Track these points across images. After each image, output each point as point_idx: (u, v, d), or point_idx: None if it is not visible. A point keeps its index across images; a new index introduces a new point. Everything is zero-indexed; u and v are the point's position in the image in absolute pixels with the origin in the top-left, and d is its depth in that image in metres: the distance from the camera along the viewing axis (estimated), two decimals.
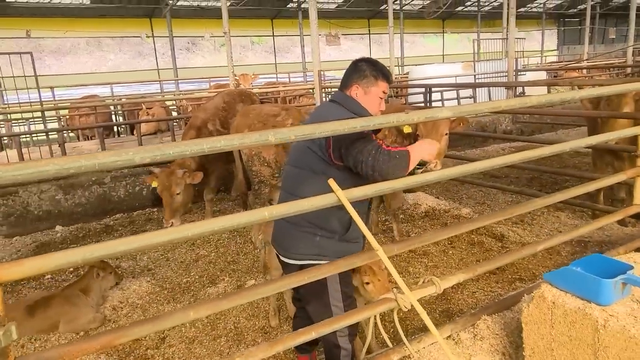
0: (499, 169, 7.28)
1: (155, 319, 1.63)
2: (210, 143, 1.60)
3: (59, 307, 3.47)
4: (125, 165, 1.49)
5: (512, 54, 9.57)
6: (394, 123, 1.99)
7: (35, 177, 1.38)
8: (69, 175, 6.10)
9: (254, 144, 1.70)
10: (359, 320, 2.18)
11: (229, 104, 5.77)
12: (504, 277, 3.92)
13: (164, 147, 1.53)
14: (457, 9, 25.66)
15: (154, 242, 1.53)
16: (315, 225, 2.23)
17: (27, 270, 1.41)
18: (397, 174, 2.08)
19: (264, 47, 26.72)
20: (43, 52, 22.68)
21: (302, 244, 2.27)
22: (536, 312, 1.87)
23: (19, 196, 5.80)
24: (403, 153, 2.09)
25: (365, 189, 1.97)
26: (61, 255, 1.42)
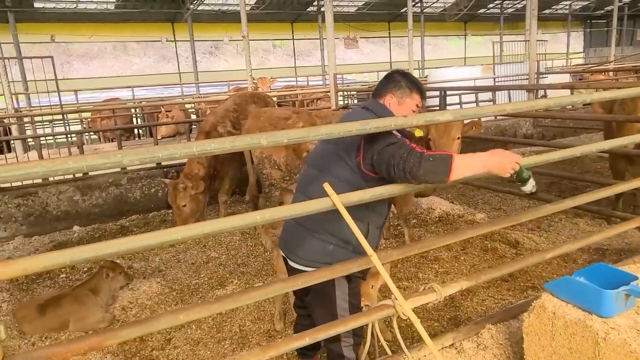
0: None
1: (145, 322, 1.64)
2: (201, 146, 1.60)
3: (68, 306, 3.54)
4: (113, 167, 1.49)
5: (533, 56, 9.37)
6: (392, 127, 1.95)
7: (24, 177, 1.40)
8: (86, 176, 6.25)
9: (245, 147, 1.69)
10: (356, 327, 2.14)
11: (240, 105, 5.80)
12: (516, 284, 3.81)
13: (153, 150, 1.53)
14: (479, 11, 25.32)
15: (142, 244, 1.53)
16: (331, 233, 2.18)
17: (18, 270, 1.43)
18: (433, 177, 1.94)
19: (285, 50, 26.88)
20: (71, 56, 23.33)
21: (314, 250, 2.22)
22: (537, 323, 1.81)
23: (39, 196, 5.94)
24: (442, 156, 1.95)
25: (361, 194, 1.94)
26: (49, 256, 1.43)
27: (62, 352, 1.50)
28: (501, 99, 10.93)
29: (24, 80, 13.34)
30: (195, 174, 5.31)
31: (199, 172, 5.33)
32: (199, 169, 5.34)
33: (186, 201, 5.17)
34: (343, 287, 2.19)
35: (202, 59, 24.62)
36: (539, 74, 10.32)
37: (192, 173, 5.31)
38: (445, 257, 4.46)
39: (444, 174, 1.93)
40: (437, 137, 3.88)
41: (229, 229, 1.69)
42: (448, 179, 1.93)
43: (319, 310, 2.28)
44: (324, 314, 2.25)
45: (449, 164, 1.92)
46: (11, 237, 5.79)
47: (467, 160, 2.01)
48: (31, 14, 16.51)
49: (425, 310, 3.52)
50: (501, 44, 14.08)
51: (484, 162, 2.01)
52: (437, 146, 3.86)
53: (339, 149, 2.20)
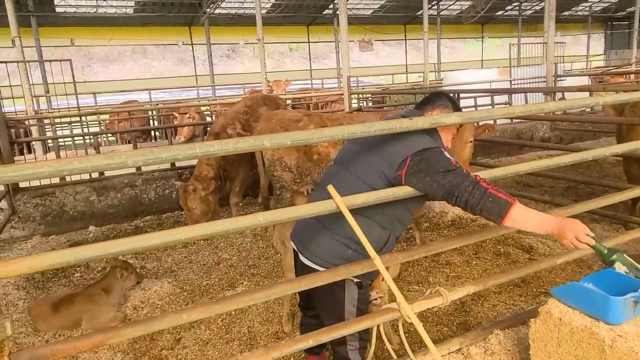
0: (533, 177, 7.04)
1: (148, 321, 1.65)
2: (204, 148, 1.62)
3: (81, 305, 3.60)
4: (117, 168, 1.52)
5: (551, 58, 9.23)
6: (397, 129, 1.94)
7: (31, 177, 1.43)
8: (102, 177, 6.36)
9: (249, 149, 1.70)
10: (361, 330, 2.13)
11: (251, 108, 5.86)
12: (529, 290, 3.75)
13: (157, 151, 1.55)
14: (497, 14, 25.05)
15: (145, 244, 1.55)
16: (352, 238, 2.13)
17: (23, 268, 1.46)
18: (487, 216, 1.95)
19: (301, 53, 27.00)
20: (92, 59, 23.82)
21: (331, 251, 2.19)
22: (543, 329, 1.77)
23: (56, 197, 6.06)
24: (502, 202, 1.92)
25: (366, 196, 1.94)
26: (54, 255, 1.46)
27: (67, 349, 1.52)
28: (517, 102, 10.79)
29: (44, 83, 13.66)
30: (204, 176, 5.40)
31: (208, 174, 5.41)
32: (208, 171, 5.43)
33: (196, 203, 5.27)
34: (353, 292, 2.19)
35: (220, 62, 24.88)
36: (557, 77, 10.15)
37: (201, 175, 5.40)
38: (456, 261, 4.41)
39: (497, 218, 1.93)
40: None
41: (233, 230, 1.70)
42: (502, 223, 1.94)
43: (327, 313, 2.28)
44: (331, 316, 2.24)
45: (505, 211, 1.90)
46: (29, 236, 5.92)
47: (527, 214, 1.97)
48: (53, 18, 16.90)
49: (435, 315, 3.49)
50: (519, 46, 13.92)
51: (544, 224, 1.96)
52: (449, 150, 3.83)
53: (377, 157, 2.16)
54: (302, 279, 1.94)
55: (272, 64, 24.62)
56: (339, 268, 2.04)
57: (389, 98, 12.13)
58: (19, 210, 5.88)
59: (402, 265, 4.32)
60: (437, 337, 3.21)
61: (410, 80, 21.17)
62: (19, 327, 3.64)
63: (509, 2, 23.90)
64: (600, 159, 7.81)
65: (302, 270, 2.34)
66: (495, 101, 10.44)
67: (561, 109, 2.14)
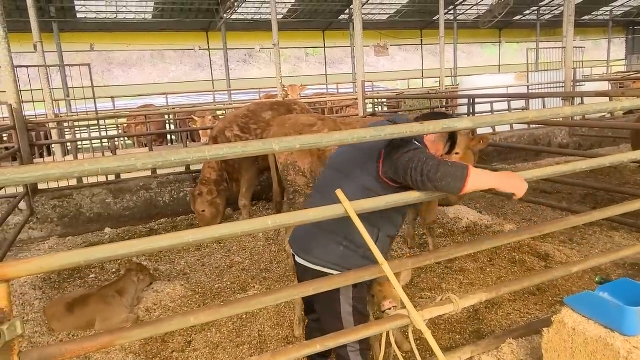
0: (550, 184, 6.92)
1: (157, 323, 1.66)
2: (213, 151, 1.62)
3: (95, 306, 3.64)
4: (127, 170, 1.53)
5: (569, 63, 9.10)
6: (407, 133, 1.93)
7: (42, 179, 1.45)
8: (118, 180, 6.45)
9: (257, 152, 1.70)
10: (369, 336, 2.11)
11: (253, 112, 5.92)
12: (544, 299, 3.67)
13: (166, 154, 1.56)
14: (515, 18, 24.80)
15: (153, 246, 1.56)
16: (342, 235, 2.19)
17: (34, 268, 1.48)
18: (449, 183, 1.93)
19: (317, 58, 27.10)
20: (112, 64, 24.26)
21: (325, 250, 2.23)
22: (556, 339, 1.73)
23: (73, 199, 6.16)
24: (460, 164, 1.97)
25: (374, 201, 1.92)
26: (65, 255, 1.48)
27: (76, 349, 1.53)
28: (535, 108, 10.64)
29: (64, 87, 13.94)
30: (207, 179, 5.55)
31: (211, 177, 5.56)
32: (211, 174, 5.58)
33: (204, 206, 5.43)
34: (348, 292, 2.19)
35: (237, 67, 25.10)
36: (576, 82, 9.98)
37: (205, 178, 5.55)
38: (470, 268, 4.35)
39: (460, 180, 1.93)
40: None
41: (242, 233, 1.70)
42: (463, 187, 1.93)
43: (324, 313, 2.32)
44: (329, 317, 2.29)
45: (466, 171, 1.94)
46: (47, 237, 6.03)
47: (481, 173, 2.04)
48: (74, 24, 17.27)
49: (447, 322, 3.44)
50: (537, 51, 13.75)
51: (496, 179, 2.07)
52: None
53: (361, 154, 2.22)
54: (311, 283, 1.93)
55: (288, 69, 24.78)
56: (348, 273, 2.03)
57: (403, 103, 12.07)
58: (37, 211, 5.99)
59: (414, 272, 4.28)
60: (449, 345, 3.17)
61: (426, 85, 21.03)
62: (34, 326, 3.69)
63: (527, 7, 23.65)
64: (620, 166, 7.65)
65: (300, 273, 2.38)
66: (512, 106, 10.31)
67: (577, 114, 2.09)
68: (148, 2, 17.03)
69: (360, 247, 2.17)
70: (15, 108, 5.62)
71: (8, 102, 5.60)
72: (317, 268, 2.25)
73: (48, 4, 15.47)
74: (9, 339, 1.41)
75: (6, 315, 1.43)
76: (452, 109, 11.79)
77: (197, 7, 18.04)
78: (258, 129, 5.76)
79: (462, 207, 5.91)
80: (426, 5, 20.81)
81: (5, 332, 1.40)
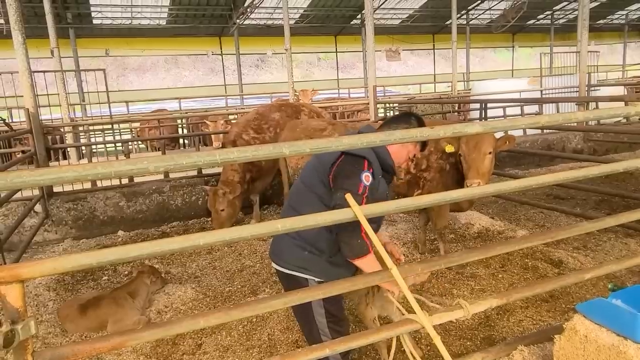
0: (564, 190, 6.84)
1: (166, 325, 1.68)
2: (224, 155, 1.64)
3: (107, 308, 3.68)
4: (140, 173, 1.55)
5: (583, 68, 9.00)
6: (417, 138, 1.92)
7: (57, 181, 1.48)
8: (131, 183, 6.52)
9: (268, 156, 1.71)
10: (380, 340, 2.10)
11: (262, 115, 6.17)
12: (557, 306, 3.63)
13: (178, 158, 1.58)
14: (528, 22, 24.62)
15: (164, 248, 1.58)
16: (305, 240, 2.34)
17: (47, 269, 1.50)
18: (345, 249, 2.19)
19: (329, 63, 27.16)
20: (126, 69, 24.59)
21: (292, 254, 2.38)
22: (568, 346, 1.71)
23: (87, 201, 6.25)
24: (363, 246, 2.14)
25: (385, 205, 1.92)
26: (77, 257, 1.50)
27: (87, 349, 1.56)
28: (548, 113, 10.53)
29: (80, 91, 14.16)
30: (230, 180, 5.76)
31: (234, 179, 5.77)
32: (234, 176, 5.79)
33: (224, 205, 5.64)
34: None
35: (249, 71, 25.26)
36: (590, 87, 9.87)
37: (227, 180, 5.77)
38: (482, 274, 4.31)
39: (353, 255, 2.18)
40: (468, 153, 3.81)
41: (251, 237, 1.71)
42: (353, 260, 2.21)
43: (298, 316, 2.49)
44: (302, 319, 2.46)
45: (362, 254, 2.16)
46: (61, 239, 6.11)
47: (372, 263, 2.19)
48: (89, 29, 17.55)
49: (458, 328, 3.42)
50: (551, 56, 13.63)
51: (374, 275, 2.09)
52: (468, 162, 3.79)
53: (319, 162, 2.34)
54: (321, 287, 1.93)
55: (300, 74, 24.88)
56: (356, 277, 2.02)
57: (415, 107, 12.04)
58: (52, 214, 6.08)
59: None
60: (460, 352, 3.14)
61: (438, 90, 20.98)
62: (47, 327, 3.74)
63: (540, 11, 23.45)
64: (636, 172, 7.53)
65: (278, 276, 2.54)
66: (525, 111, 10.23)
67: (589, 118, 2.07)
68: (162, 9, 17.24)
69: (323, 252, 2.32)
70: (32, 112, 5.72)
71: (25, 106, 5.71)
72: (285, 271, 2.40)
73: (65, 10, 15.75)
74: (23, 339, 1.44)
75: (21, 315, 1.45)
76: (464, 113, 11.72)
77: (211, 12, 18.21)
78: (270, 128, 6.05)
79: (474, 213, 5.87)
80: (438, 10, 20.76)
81: (19, 332, 1.42)
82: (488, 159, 3.71)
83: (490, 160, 3.73)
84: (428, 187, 4.43)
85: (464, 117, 11.28)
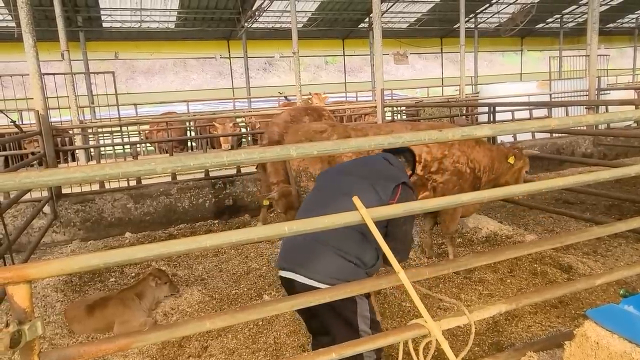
0: (574, 194, 6.77)
1: (172, 327, 1.67)
2: (231, 156, 1.63)
3: (114, 308, 3.69)
4: (147, 174, 1.55)
5: (593, 71, 8.93)
6: (427, 141, 1.91)
7: (65, 182, 1.48)
8: (139, 185, 6.55)
9: (275, 158, 1.71)
10: (386, 345, 2.08)
11: (295, 117, 6.01)
12: (567, 312, 3.58)
13: (185, 159, 1.58)
14: (537, 26, 24.49)
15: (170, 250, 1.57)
16: (350, 253, 2.27)
17: (55, 270, 1.50)
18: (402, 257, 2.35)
19: (337, 66, 27.20)
20: (135, 72, 24.77)
21: (334, 266, 2.25)
22: (578, 353, 1.68)
23: (95, 203, 6.28)
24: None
25: (392, 208, 1.91)
26: (84, 258, 1.50)
27: (93, 351, 1.55)
28: (558, 116, 10.45)
29: (89, 94, 14.28)
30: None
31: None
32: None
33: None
34: (364, 305, 2.26)
35: (256, 74, 25.37)
36: (600, 90, 9.78)
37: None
38: (490, 279, 4.27)
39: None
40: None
41: (257, 240, 1.70)
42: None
43: (340, 329, 2.28)
44: (346, 332, 2.25)
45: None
46: (69, 240, 6.15)
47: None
48: (99, 33, 17.71)
49: (466, 334, 3.38)
50: (560, 59, 13.53)
51: None
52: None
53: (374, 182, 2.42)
54: (327, 290, 1.92)
55: (307, 77, 24.92)
56: (365, 281, 2.01)
57: (422, 111, 12.01)
58: (60, 215, 6.12)
59: (432, 281, 4.22)
60: (468, 357, 3.10)
61: (445, 93, 20.90)
62: (54, 328, 3.76)
63: (549, 15, 23.34)
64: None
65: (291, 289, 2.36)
66: (534, 115, 10.15)
67: (600, 122, 2.04)
68: (171, 12, 17.37)
69: (365, 266, 2.31)
70: (41, 114, 5.77)
71: (35, 108, 5.75)
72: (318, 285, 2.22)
73: (75, 14, 15.91)
74: (30, 339, 1.44)
75: (28, 315, 1.45)
76: (472, 117, 11.66)
77: (219, 16, 18.31)
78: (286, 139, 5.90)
79: (482, 217, 5.83)
80: (446, 13, 20.72)
81: (26, 332, 1.42)
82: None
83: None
84: (442, 189, 4.39)
85: (472, 120, 11.23)
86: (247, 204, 6.97)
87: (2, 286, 1.45)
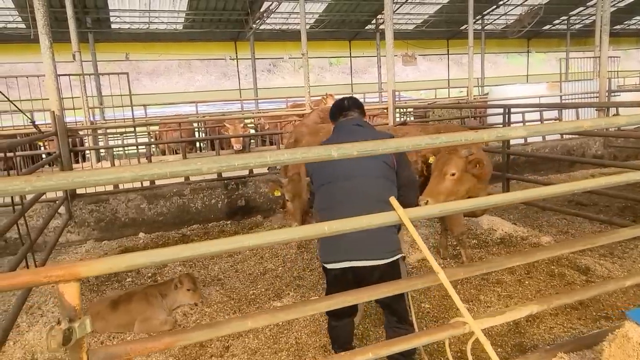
0: (587, 195, 6.76)
1: (215, 325, 1.68)
2: (275, 156, 1.65)
3: (138, 303, 3.71)
4: (193, 174, 1.57)
5: (604, 73, 8.91)
6: (462, 141, 1.92)
7: (115, 181, 1.50)
8: (153, 186, 6.57)
9: (316, 159, 1.72)
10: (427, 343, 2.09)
11: (323, 119, 6.03)
12: (587, 313, 3.58)
13: (230, 159, 1.59)
14: (544, 28, 24.45)
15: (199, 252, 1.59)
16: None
17: (104, 268, 1.52)
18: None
19: (341, 68, 27.25)
20: (140, 73, 24.89)
21: (390, 239, 2.53)
22: (619, 354, 1.68)
23: (109, 203, 6.31)
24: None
25: (428, 209, 1.92)
26: (131, 256, 1.52)
27: (139, 349, 1.57)
28: (567, 118, 10.44)
29: (99, 95, 14.34)
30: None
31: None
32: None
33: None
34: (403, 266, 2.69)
35: (261, 76, 25.44)
36: (610, 92, 9.76)
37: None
38: (508, 280, 4.27)
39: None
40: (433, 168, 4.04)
41: (297, 239, 1.72)
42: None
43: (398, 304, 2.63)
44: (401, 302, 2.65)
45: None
46: (84, 240, 6.18)
47: None
48: (108, 34, 17.79)
49: (488, 335, 3.37)
50: (567, 61, 13.52)
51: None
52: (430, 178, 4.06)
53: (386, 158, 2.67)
54: (367, 290, 1.93)
55: (312, 78, 24.86)
56: (400, 281, 2.02)
57: (432, 112, 12.00)
58: (75, 215, 6.15)
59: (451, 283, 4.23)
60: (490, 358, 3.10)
61: (451, 95, 20.91)
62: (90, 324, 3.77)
63: (557, 17, 23.29)
64: None
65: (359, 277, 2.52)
66: (544, 117, 10.14)
67: (632, 123, 2.05)
68: (180, 14, 17.42)
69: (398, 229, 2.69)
70: (57, 115, 5.81)
71: (51, 109, 5.79)
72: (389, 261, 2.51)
73: (85, 15, 15.99)
74: (80, 336, 1.46)
75: (77, 313, 1.47)
76: (481, 118, 11.65)
77: (227, 17, 18.35)
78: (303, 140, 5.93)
79: (496, 218, 5.83)
80: (453, 15, 20.71)
81: (76, 330, 1.44)
82: (449, 180, 3.76)
83: (451, 182, 3.77)
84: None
85: (483, 122, 11.22)
86: (259, 204, 6.98)
87: (53, 284, 1.47)
